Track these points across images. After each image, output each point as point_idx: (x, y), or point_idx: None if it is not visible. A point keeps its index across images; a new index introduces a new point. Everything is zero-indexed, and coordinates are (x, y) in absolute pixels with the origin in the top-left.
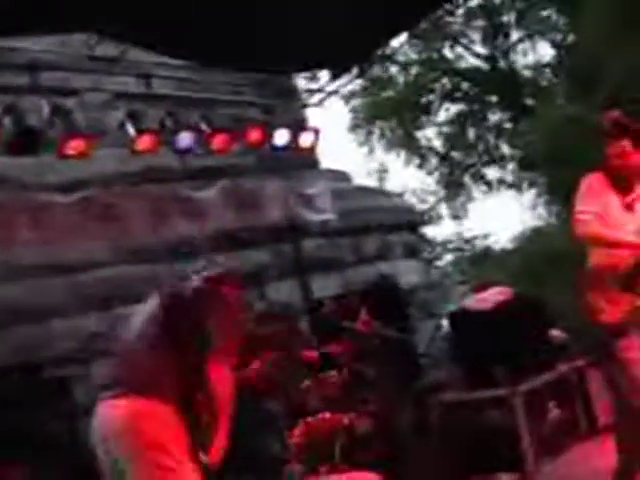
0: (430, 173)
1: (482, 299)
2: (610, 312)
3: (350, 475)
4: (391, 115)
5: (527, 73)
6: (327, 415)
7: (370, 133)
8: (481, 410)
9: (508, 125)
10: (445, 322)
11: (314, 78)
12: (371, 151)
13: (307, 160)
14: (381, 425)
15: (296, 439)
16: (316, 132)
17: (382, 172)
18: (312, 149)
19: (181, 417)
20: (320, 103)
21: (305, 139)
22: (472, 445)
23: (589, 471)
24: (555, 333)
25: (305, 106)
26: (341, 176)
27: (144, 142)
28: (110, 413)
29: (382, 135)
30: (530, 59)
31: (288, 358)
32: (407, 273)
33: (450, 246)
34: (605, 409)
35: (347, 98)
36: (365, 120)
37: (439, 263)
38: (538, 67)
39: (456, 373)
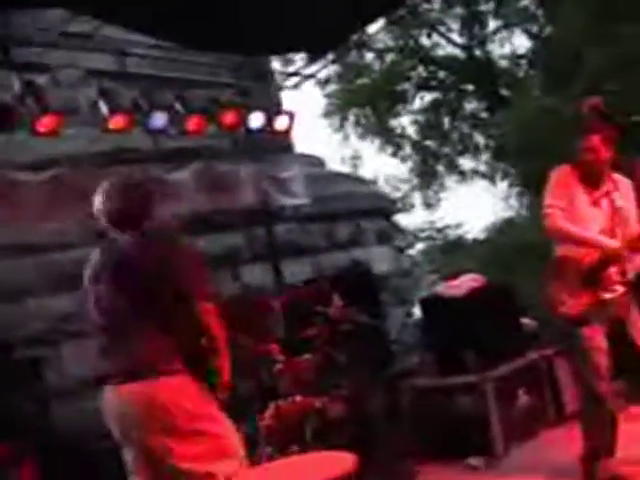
0: (404, 161)
1: (454, 286)
2: (571, 305)
3: (324, 454)
4: (366, 102)
5: (503, 63)
6: (299, 398)
7: (344, 119)
8: (452, 395)
9: (483, 115)
10: (416, 309)
11: (290, 62)
12: (345, 137)
13: (281, 144)
14: (353, 409)
15: (267, 421)
16: (291, 116)
17: (356, 159)
18: (287, 133)
19: (196, 379)
20: (296, 87)
21: (280, 123)
22: (442, 429)
23: (557, 456)
24: (526, 321)
25: (281, 89)
26: (315, 161)
27: (117, 121)
28: (132, 399)
29: (356, 122)
30: (507, 49)
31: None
32: (379, 260)
33: (422, 235)
34: (573, 396)
35: (322, 84)
36: (340, 106)
37: (410, 251)
38: (514, 58)
39: (427, 359)
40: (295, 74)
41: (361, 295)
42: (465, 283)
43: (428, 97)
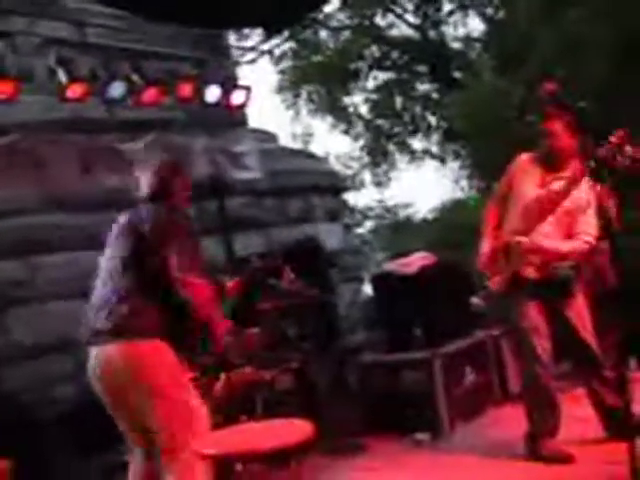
0: (355, 139)
1: (405, 263)
2: (495, 280)
3: (283, 421)
4: (319, 80)
5: (457, 45)
6: (248, 370)
7: (297, 96)
8: (399, 372)
9: (435, 96)
10: (365, 287)
11: (246, 37)
12: (297, 114)
13: (235, 118)
14: (301, 382)
15: (217, 392)
16: (247, 90)
17: (307, 135)
18: (242, 107)
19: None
20: (252, 62)
21: (236, 97)
22: (390, 405)
23: (501, 434)
24: (474, 301)
25: (237, 64)
26: (268, 136)
27: (74, 90)
28: (115, 356)
29: (309, 99)
30: (461, 32)
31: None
32: (328, 237)
33: (371, 213)
34: (518, 376)
35: (276, 60)
36: (293, 83)
37: (359, 230)
38: (468, 40)
39: (377, 335)
40: (252, 49)
41: (312, 270)
42: (416, 261)
43: (381, 77)
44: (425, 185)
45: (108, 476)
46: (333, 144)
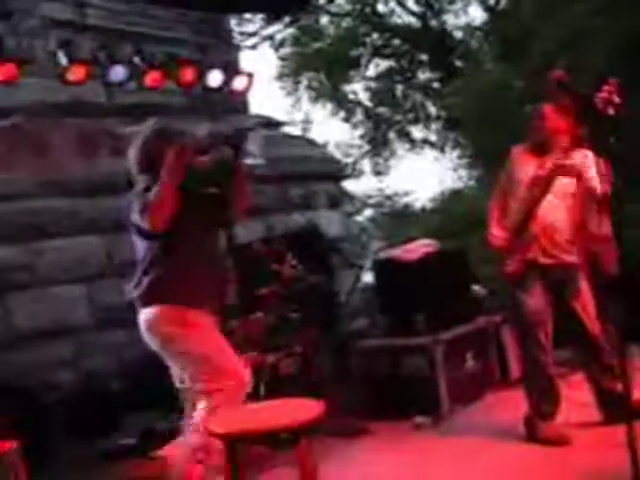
0: (355, 127)
1: (408, 250)
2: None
3: (288, 400)
4: (320, 67)
5: (458, 34)
6: (252, 355)
7: (297, 83)
8: (401, 356)
9: (436, 85)
10: (365, 275)
11: (248, 22)
12: (297, 101)
13: (237, 104)
14: (304, 367)
15: None
16: (250, 76)
17: (306, 123)
18: (245, 93)
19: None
20: (254, 47)
21: (239, 82)
22: (391, 389)
23: (500, 418)
24: (476, 288)
25: (239, 49)
26: (270, 123)
27: (76, 73)
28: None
29: (309, 86)
30: (462, 20)
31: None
32: (329, 223)
33: (370, 201)
34: (518, 362)
35: (277, 46)
36: (293, 70)
37: (358, 217)
38: (469, 29)
39: (379, 321)
40: (253, 34)
41: (314, 256)
42: (419, 248)
43: (382, 64)
44: (424, 174)
45: (108, 461)
46: (333, 132)
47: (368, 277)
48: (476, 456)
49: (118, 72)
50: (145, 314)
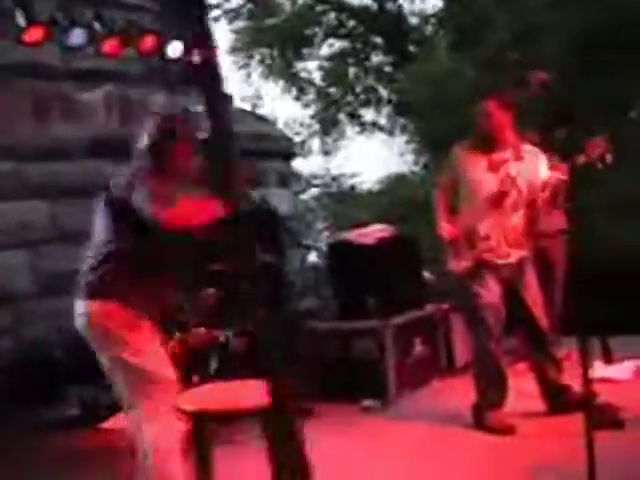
0: (306, 106)
1: (364, 234)
2: (455, 264)
3: (252, 382)
4: (273, 43)
5: (414, 20)
6: (203, 331)
7: (250, 57)
8: (351, 339)
9: (389, 69)
10: (310, 255)
11: None
12: (248, 76)
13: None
14: (253, 346)
15: (170, 351)
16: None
17: (256, 98)
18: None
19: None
20: (216, 20)
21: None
22: (340, 372)
23: (447, 404)
24: (426, 274)
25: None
26: (223, 98)
27: (33, 34)
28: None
29: (261, 61)
30: (418, 6)
31: None
32: (279, 202)
33: (316, 181)
34: (464, 350)
35: (230, 19)
36: (246, 44)
37: (303, 196)
38: (424, 15)
39: (330, 303)
40: (216, 7)
41: (266, 234)
42: (374, 232)
43: (336, 45)
44: (372, 157)
45: (50, 430)
46: (282, 109)
47: (313, 257)
48: (423, 441)
49: (77, 36)
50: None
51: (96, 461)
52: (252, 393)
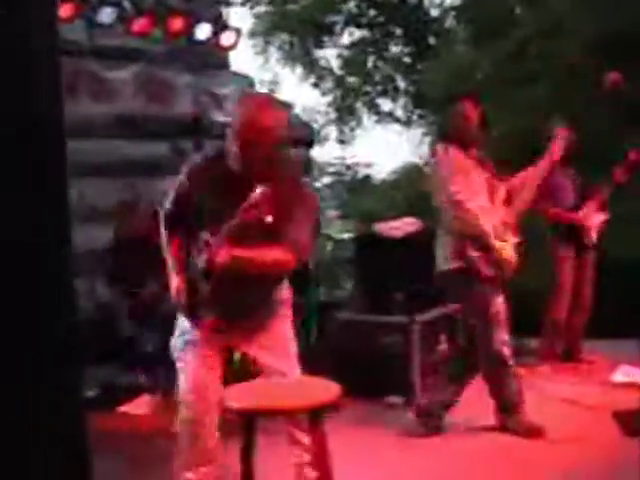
0: (324, 94)
1: (394, 227)
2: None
3: (311, 379)
4: (293, 29)
5: (434, 12)
6: None
7: (268, 43)
8: (377, 333)
9: (407, 60)
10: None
11: None
12: (266, 61)
13: (220, 60)
14: None
15: None
16: (237, 32)
17: (274, 84)
18: (231, 49)
19: None
20: (245, 3)
21: (226, 38)
22: (364, 365)
23: (471, 405)
24: None
25: (228, 4)
26: (247, 81)
27: (64, 10)
28: None
29: (280, 47)
30: None
31: None
32: None
33: (330, 169)
34: None
35: (252, 4)
36: (266, 29)
37: (316, 184)
38: (445, 7)
39: (358, 295)
40: None
41: None
42: (404, 226)
43: (356, 34)
44: (388, 147)
45: None
46: (299, 95)
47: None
48: (449, 440)
49: (107, 14)
50: None
51: (112, 445)
52: (302, 391)
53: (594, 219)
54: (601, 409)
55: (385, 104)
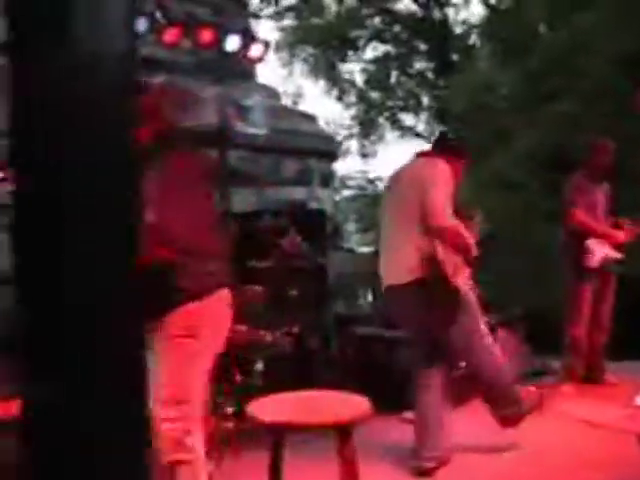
0: (347, 108)
1: None
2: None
3: (339, 394)
4: (318, 42)
5: (458, 29)
6: (244, 328)
7: (293, 56)
8: (396, 348)
9: (430, 75)
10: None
11: None
12: (290, 74)
13: (246, 71)
14: (298, 348)
15: None
16: (266, 44)
17: (297, 96)
18: (259, 61)
19: None
20: (274, 16)
21: (255, 50)
22: (381, 380)
23: (488, 424)
24: None
25: (257, 17)
26: (273, 93)
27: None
28: None
29: (305, 60)
30: (463, 15)
31: None
32: (322, 202)
33: (351, 183)
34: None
35: (278, 17)
36: (291, 42)
37: (336, 197)
38: (469, 25)
39: (376, 309)
40: (276, 2)
41: (314, 234)
42: None
43: (380, 49)
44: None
45: None
46: (322, 108)
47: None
48: (468, 457)
49: (140, 24)
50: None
51: None
52: (332, 406)
53: (604, 248)
54: (624, 432)
55: (407, 119)
